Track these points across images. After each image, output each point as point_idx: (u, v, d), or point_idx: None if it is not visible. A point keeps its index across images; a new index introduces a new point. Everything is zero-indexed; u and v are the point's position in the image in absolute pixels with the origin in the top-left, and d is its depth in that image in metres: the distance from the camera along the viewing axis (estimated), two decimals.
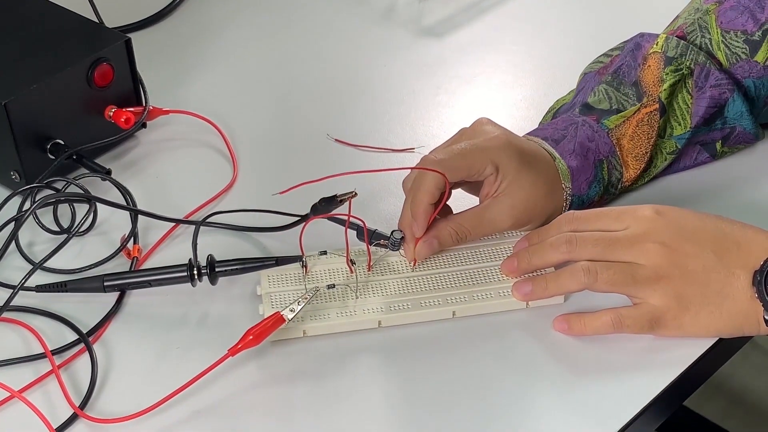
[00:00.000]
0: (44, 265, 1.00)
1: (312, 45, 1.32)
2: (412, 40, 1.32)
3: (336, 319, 0.95)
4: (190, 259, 0.97)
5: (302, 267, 0.98)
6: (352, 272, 0.97)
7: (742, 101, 1.06)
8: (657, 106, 1.04)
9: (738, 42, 1.06)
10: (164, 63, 1.28)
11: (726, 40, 1.07)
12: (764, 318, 0.90)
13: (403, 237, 0.98)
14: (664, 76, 1.05)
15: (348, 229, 0.98)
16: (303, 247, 0.97)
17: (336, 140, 1.16)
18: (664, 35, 1.07)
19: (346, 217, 0.97)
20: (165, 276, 0.98)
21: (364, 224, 0.98)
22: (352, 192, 0.98)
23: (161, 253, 1.04)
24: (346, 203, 0.98)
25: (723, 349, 0.94)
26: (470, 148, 0.97)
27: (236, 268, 0.97)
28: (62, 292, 0.99)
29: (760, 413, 1.90)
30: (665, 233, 0.92)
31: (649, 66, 1.05)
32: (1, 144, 1.07)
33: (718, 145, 1.09)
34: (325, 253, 0.99)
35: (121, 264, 1.02)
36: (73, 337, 0.95)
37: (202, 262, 0.97)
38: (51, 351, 0.94)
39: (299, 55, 1.30)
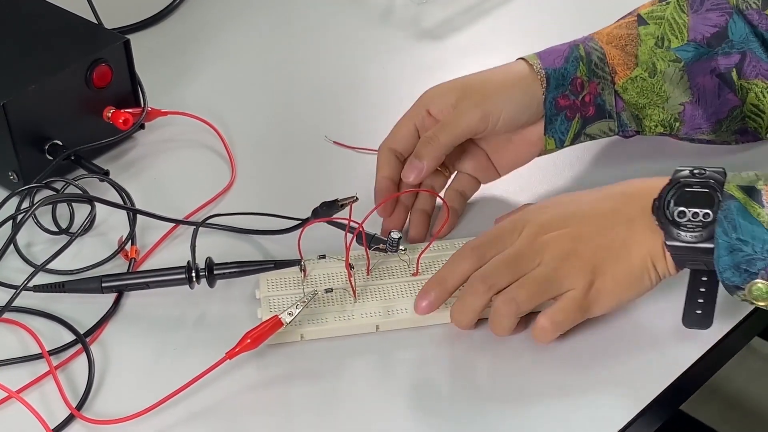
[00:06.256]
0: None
1: (310, 47, 1.32)
2: (411, 42, 1.32)
3: (333, 323, 0.94)
4: (188, 262, 0.97)
5: (301, 271, 0.98)
6: (351, 276, 0.97)
7: (745, 23, 1.04)
8: (635, 18, 1.06)
9: None
10: (163, 64, 1.28)
11: None
12: (665, 244, 0.89)
13: (400, 237, 0.98)
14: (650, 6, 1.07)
15: (348, 234, 0.98)
16: (302, 251, 0.97)
17: (334, 142, 1.16)
18: None
19: (345, 222, 0.97)
20: (163, 278, 0.98)
21: (363, 229, 0.98)
22: (353, 197, 0.99)
23: (159, 255, 1.04)
24: (347, 208, 0.99)
25: (719, 353, 0.94)
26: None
27: (234, 271, 0.97)
28: (60, 292, 0.99)
29: (757, 417, 1.90)
30: (552, 220, 0.92)
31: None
32: None
33: (735, 77, 1.05)
34: (324, 257, 0.99)
35: (119, 265, 1.02)
36: (71, 337, 0.95)
37: (201, 264, 0.97)
38: (48, 351, 0.94)
39: (297, 57, 1.30)
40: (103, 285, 0.98)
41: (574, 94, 1.04)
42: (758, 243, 0.86)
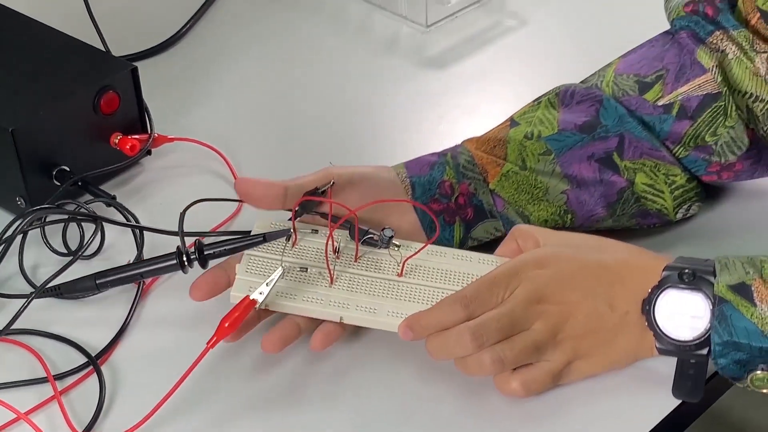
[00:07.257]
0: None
1: (316, 74, 1.33)
2: (415, 70, 1.33)
3: (300, 303, 0.94)
4: (177, 246, 0.96)
5: (287, 240, 0.97)
6: (338, 258, 0.96)
7: (617, 106, 1.04)
8: (508, 123, 1.06)
9: (629, 82, 1.06)
10: (170, 91, 1.28)
11: (616, 80, 1.06)
12: (656, 347, 0.91)
13: (392, 236, 0.97)
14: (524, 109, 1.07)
15: (332, 220, 0.97)
16: (294, 223, 0.98)
17: None
18: None
19: (334, 210, 0.97)
20: (155, 266, 0.97)
21: (356, 218, 0.96)
22: (330, 182, 1.00)
23: (167, 276, 1.04)
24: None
25: (722, 381, 0.94)
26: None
27: (225, 249, 0.96)
28: (57, 297, 0.99)
29: None
30: (549, 288, 0.92)
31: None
32: (8, 170, 1.08)
33: (617, 159, 1.03)
34: (316, 231, 0.99)
35: (128, 288, 1.03)
36: (82, 359, 0.96)
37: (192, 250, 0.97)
38: (59, 374, 0.94)
39: (303, 84, 1.31)
40: (98, 281, 0.98)
41: (444, 197, 1.02)
42: (755, 343, 0.88)
